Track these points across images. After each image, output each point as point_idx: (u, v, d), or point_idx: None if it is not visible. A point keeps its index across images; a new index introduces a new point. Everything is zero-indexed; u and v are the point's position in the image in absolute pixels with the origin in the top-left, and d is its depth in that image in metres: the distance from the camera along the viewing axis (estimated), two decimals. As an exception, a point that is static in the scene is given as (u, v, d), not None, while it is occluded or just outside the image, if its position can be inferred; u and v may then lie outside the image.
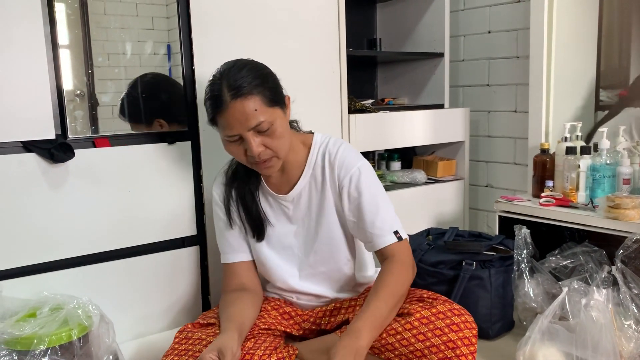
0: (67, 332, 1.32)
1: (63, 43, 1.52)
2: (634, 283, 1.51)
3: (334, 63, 2.03)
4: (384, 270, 1.35)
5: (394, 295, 1.30)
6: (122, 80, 1.68)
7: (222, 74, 1.32)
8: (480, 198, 2.75)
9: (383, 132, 2.26)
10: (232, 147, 1.36)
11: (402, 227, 1.42)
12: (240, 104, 1.28)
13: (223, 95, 1.29)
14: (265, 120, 1.30)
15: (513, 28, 2.51)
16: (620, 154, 1.95)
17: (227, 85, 1.29)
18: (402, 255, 1.38)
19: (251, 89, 1.29)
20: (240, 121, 1.29)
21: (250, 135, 1.31)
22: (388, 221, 1.40)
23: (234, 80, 1.29)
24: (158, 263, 1.69)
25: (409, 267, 1.38)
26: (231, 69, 1.32)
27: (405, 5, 2.69)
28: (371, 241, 1.40)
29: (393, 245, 1.38)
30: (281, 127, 1.35)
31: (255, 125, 1.30)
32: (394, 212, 1.44)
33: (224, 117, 1.30)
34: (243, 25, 1.79)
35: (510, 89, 2.56)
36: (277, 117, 1.34)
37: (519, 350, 1.46)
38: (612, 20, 2.33)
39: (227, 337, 1.25)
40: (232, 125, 1.30)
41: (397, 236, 1.39)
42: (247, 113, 1.28)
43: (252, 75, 1.31)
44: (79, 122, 1.57)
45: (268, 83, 1.34)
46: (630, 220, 1.73)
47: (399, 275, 1.34)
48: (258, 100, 1.29)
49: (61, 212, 1.52)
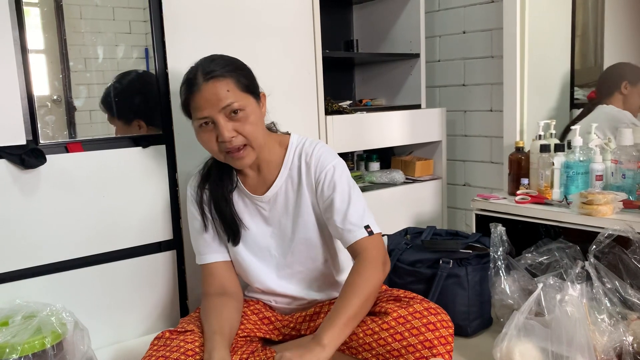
0: (40, 340, 1.30)
1: (37, 48, 1.51)
2: (607, 278, 1.53)
3: (310, 65, 2.03)
4: (353, 271, 1.34)
5: (360, 296, 1.28)
6: (99, 84, 1.66)
7: (198, 64, 1.37)
8: (458, 197, 2.77)
9: (360, 133, 2.26)
10: (204, 136, 1.36)
11: (374, 223, 1.41)
12: (212, 85, 1.31)
13: (197, 78, 1.32)
14: (237, 101, 1.32)
15: (487, 28, 2.53)
16: (592, 150, 1.98)
17: (201, 70, 1.33)
18: (372, 250, 1.36)
19: (224, 72, 1.33)
20: (212, 102, 1.31)
21: (222, 117, 1.32)
22: (358, 216, 1.39)
23: (208, 66, 1.34)
24: (134, 268, 1.67)
25: (379, 264, 1.35)
26: (206, 59, 1.37)
27: (381, 6, 2.70)
28: (342, 237, 1.40)
29: (364, 240, 1.37)
30: (253, 114, 1.36)
31: (226, 105, 1.31)
32: (366, 208, 1.42)
33: (196, 99, 1.32)
34: (217, 27, 1.78)
35: (486, 88, 2.58)
36: (250, 104, 1.36)
37: (496, 347, 1.46)
38: (586, 19, 2.37)
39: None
40: (203, 107, 1.32)
41: (368, 230, 1.37)
42: (219, 93, 1.31)
43: (225, 61, 1.36)
44: (50, 127, 1.55)
45: (243, 71, 1.38)
46: (603, 215, 1.76)
47: (367, 274, 1.32)
48: (231, 83, 1.33)
49: (34, 219, 1.50)
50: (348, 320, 1.26)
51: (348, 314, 1.25)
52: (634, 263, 1.56)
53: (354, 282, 1.31)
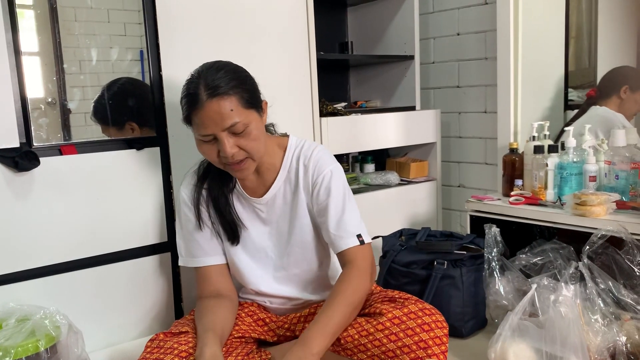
0: (34, 343, 1.29)
1: (32, 50, 1.51)
2: (601, 278, 1.54)
3: (304, 66, 2.04)
4: (341, 278, 1.36)
5: (348, 305, 1.30)
6: (94, 87, 1.66)
7: (200, 73, 1.31)
8: (452, 198, 2.78)
9: (355, 134, 2.27)
10: (205, 147, 1.34)
11: (366, 233, 1.42)
12: (217, 104, 1.27)
13: (200, 93, 1.27)
14: (241, 121, 1.29)
15: (481, 30, 2.54)
16: (586, 152, 1.99)
17: (204, 84, 1.28)
18: (362, 260, 1.38)
19: (228, 89, 1.28)
20: (216, 121, 1.28)
21: (225, 135, 1.29)
22: (352, 224, 1.40)
23: (211, 79, 1.28)
24: (129, 271, 1.67)
25: (367, 274, 1.37)
26: (209, 69, 1.31)
27: (376, 8, 2.71)
28: (334, 243, 1.41)
29: (354, 249, 1.38)
30: (256, 129, 1.34)
31: (230, 125, 1.28)
32: (359, 217, 1.44)
33: (199, 116, 1.29)
34: (211, 29, 1.78)
35: (480, 90, 2.59)
36: (253, 119, 1.33)
37: (490, 348, 1.47)
38: (580, 20, 2.38)
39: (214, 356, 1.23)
40: (207, 125, 1.29)
41: (360, 239, 1.39)
42: (223, 113, 1.27)
43: (230, 76, 1.30)
44: (44, 129, 1.54)
45: (246, 85, 1.33)
46: (596, 216, 1.77)
47: (355, 283, 1.33)
48: (235, 101, 1.28)
49: (28, 222, 1.50)
50: (337, 328, 1.28)
51: (337, 322, 1.27)
52: (627, 263, 1.57)
53: (344, 290, 1.32)
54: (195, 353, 1.25)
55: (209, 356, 1.22)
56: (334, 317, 1.27)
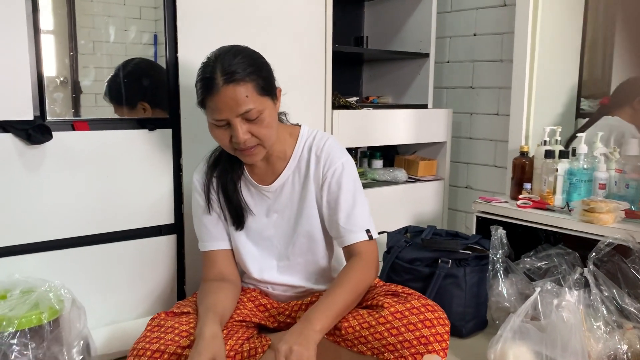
0: (37, 316, 1.30)
1: (47, 28, 1.51)
2: (605, 285, 1.54)
3: (320, 58, 2.03)
4: (348, 266, 1.37)
5: (352, 292, 1.31)
6: (107, 68, 1.66)
7: (217, 57, 1.31)
8: (459, 199, 2.77)
9: (366, 129, 2.26)
10: (217, 132, 1.35)
11: (374, 228, 1.43)
12: (232, 89, 1.27)
13: (216, 78, 1.27)
14: (255, 108, 1.29)
15: (498, 32, 2.53)
16: (597, 159, 1.98)
17: (220, 69, 1.28)
18: (369, 254, 1.39)
19: (244, 76, 1.28)
20: (230, 106, 1.28)
21: (238, 121, 1.30)
22: (362, 219, 1.41)
23: (228, 64, 1.28)
24: (134, 250, 1.67)
25: (373, 266, 1.39)
26: (226, 54, 1.31)
27: (393, 4, 2.70)
28: (342, 236, 1.41)
29: (362, 243, 1.40)
30: (270, 117, 1.34)
31: (245, 111, 1.29)
32: (368, 212, 1.45)
33: (214, 101, 1.29)
34: (229, 16, 1.78)
35: (493, 92, 2.58)
36: (267, 106, 1.33)
37: (490, 349, 1.47)
38: (597, 30, 2.37)
39: (216, 342, 1.23)
40: (222, 110, 1.29)
41: (369, 235, 1.40)
42: (238, 99, 1.27)
43: (247, 62, 1.30)
44: (58, 104, 1.55)
45: (262, 72, 1.33)
46: (604, 224, 1.76)
47: (362, 272, 1.35)
48: (250, 88, 1.29)
49: (37, 195, 1.50)
50: (340, 312, 1.28)
51: (340, 306, 1.28)
52: (633, 272, 1.56)
53: (350, 279, 1.33)
54: (195, 332, 1.26)
55: (209, 335, 1.23)
56: (338, 302, 1.28)
